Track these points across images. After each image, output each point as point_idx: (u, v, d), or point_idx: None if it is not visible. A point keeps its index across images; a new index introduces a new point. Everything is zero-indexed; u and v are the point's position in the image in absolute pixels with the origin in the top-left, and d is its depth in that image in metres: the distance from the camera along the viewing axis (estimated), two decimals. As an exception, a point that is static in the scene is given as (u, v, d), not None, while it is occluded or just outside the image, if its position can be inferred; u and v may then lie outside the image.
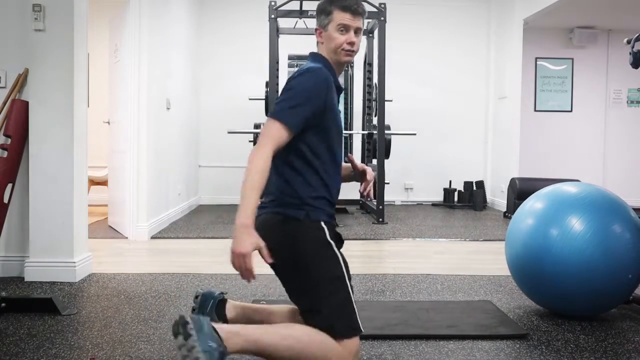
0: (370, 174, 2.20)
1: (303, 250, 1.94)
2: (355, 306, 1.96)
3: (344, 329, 1.92)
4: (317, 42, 2.11)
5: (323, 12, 2.05)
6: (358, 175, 2.23)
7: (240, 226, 1.76)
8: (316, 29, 2.09)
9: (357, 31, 2.04)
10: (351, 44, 2.02)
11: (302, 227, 1.95)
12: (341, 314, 1.93)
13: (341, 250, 2.03)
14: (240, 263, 1.76)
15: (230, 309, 2.18)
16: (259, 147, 1.86)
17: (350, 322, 1.93)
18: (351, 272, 2.01)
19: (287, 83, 2.00)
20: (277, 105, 1.94)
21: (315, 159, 1.99)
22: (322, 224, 1.98)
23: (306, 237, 1.95)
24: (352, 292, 1.97)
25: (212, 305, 2.16)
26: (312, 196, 1.98)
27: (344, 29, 2.02)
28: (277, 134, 1.87)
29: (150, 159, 4.97)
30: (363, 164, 2.23)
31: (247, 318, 2.16)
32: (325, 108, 1.96)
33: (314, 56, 2.10)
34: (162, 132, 5.39)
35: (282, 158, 1.97)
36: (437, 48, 7.66)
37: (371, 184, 2.18)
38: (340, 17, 2.01)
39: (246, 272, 1.77)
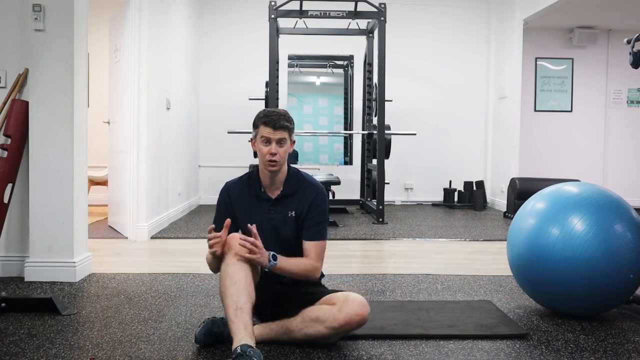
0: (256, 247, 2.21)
1: None
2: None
3: None
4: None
5: (253, 126, 2.37)
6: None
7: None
8: (251, 139, 2.41)
9: (279, 142, 2.30)
10: (272, 154, 2.29)
11: None
12: None
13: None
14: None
15: None
16: None
17: None
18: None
19: None
20: None
21: None
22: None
23: None
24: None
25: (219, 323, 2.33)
26: None
27: (267, 141, 2.31)
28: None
29: (150, 159, 4.97)
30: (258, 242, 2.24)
31: None
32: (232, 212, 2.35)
33: (251, 168, 2.47)
34: (162, 132, 5.39)
35: None
36: (437, 48, 7.66)
37: (251, 245, 2.20)
38: (263, 130, 2.31)
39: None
